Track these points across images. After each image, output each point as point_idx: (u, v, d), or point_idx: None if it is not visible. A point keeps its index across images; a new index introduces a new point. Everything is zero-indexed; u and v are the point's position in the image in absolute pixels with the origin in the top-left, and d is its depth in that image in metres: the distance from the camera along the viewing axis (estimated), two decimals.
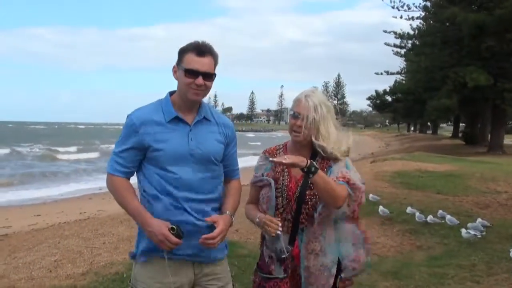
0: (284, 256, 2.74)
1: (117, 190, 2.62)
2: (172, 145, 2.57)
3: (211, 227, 2.57)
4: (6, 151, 40.95)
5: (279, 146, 3.00)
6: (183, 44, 2.58)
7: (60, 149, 45.71)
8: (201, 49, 2.56)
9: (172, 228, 2.48)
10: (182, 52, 2.59)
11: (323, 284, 2.75)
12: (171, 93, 2.70)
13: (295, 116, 2.75)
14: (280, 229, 2.67)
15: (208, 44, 2.60)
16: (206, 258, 2.68)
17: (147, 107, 2.68)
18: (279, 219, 2.70)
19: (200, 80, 2.54)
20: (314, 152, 2.82)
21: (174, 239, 2.47)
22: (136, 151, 2.60)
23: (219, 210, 2.72)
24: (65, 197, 17.04)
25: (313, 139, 2.75)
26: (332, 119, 2.79)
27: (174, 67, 2.64)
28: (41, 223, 10.95)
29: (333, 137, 2.76)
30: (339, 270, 2.80)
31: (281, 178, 2.81)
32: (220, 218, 2.61)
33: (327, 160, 2.80)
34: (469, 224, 7.57)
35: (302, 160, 2.56)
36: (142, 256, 2.66)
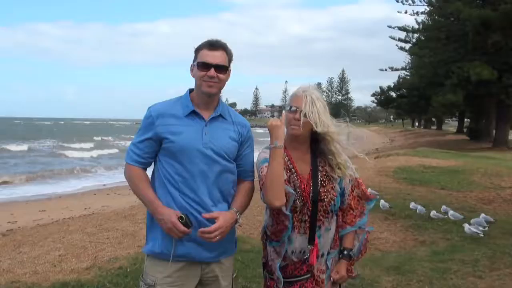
0: (306, 257, 2.76)
1: (132, 179, 2.72)
2: (185, 138, 2.63)
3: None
4: (24, 147, 41.57)
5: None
6: (188, 39, 2.69)
7: (75, 145, 46.10)
8: (213, 44, 2.67)
9: (181, 217, 2.55)
10: (197, 49, 2.70)
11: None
12: (191, 90, 2.78)
13: (292, 110, 2.76)
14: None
15: (221, 40, 2.71)
16: (210, 257, 2.72)
17: (167, 101, 2.79)
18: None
19: (212, 72, 2.62)
20: (313, 151, 2.84)
21: (182, 227, 2.53)
22: (152, 142, 2.68)
23: (228, 208, 2.73)
24: (71, 193, 17.09)
25: (314, 127, 2.73)
26: (328, 115, 2.80)
27: (191, 65, 2.73)
28: (46, 218, 11.02)
29: (332, 127, 2.78)
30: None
31: (291, 179, 2.77)
32: (220, 214, 2.63)
33: (327, 161, 2.83)
34: (472, 220, 7.57)
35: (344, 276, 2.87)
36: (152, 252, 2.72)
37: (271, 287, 2.83)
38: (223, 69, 2.66)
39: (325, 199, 2.76)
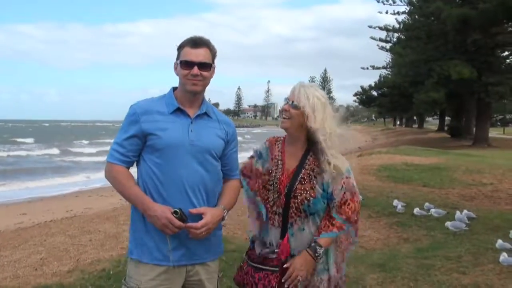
0: (276, 250, 2.73)
1: (116, 178, 2.63)
2: (172, 134, 2.59)
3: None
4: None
5: (278, 137, 2.96)
6: (171, 40, 2.65)
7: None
8: (196, 42, 2.63)
9: (175, 212, 2.49)
10: (180, 47, 2.67)
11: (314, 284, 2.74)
12: (174, 89, 2.75)
13: (286, 101, 2.78)
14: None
15: (204, 37, 2.67)
16: (197, 258, 2.68)
17: (150, 99, 2.75)
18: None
19: (195, 70, 2.59)
20: (308, 147, 2.80)
21: (177, 222, 2.48)
22: (137, 139, 2.61)
23: (214, 206, 2.70)
24: (53, 195, 16.88)
25: (307, 122, 2.71)
26: (328, 114, 2.75)
27: (175, 63, 2.69)
28: (27, 221, 10.86)
29: (326, 129, 2.72)
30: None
31: (274, 170, 2.80)
32: (207, 210, 2.60)
33: (318, 159, 2.75)
34: (456, 216, 7.62)
35: (310, 265, 2.67)
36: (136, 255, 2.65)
37: (243, 267, 2.85)
38: (207, 66, 2.63)
39: (299, 196, 2.70)
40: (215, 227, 2.64)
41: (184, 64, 2.61)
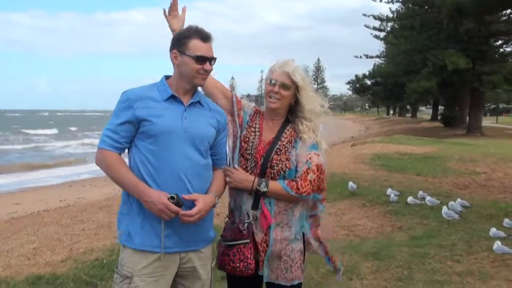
0: (247, 221, 2.76)
1: (109, 164, 2.57)
2: (166, 121, 2.56)
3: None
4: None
5: (260, 111, 3.01)
6: (164, 29, 2.65)
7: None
8: (206, 35, 2.61)
9: (172, 197, 2.47)
10: (185, 37, 2.62)
11: (287, 259, 2.80)
12: (167, 77, 2.72)
13: (273, 83, 2.81)
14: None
15: (205, 29, 2.65)
16: (190, 245, 2.66)
17: (142, 86, 2.71)
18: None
19: (208, 65, 2.60)
20: (286, 120, 2.89)
21: (174, 207, 2.46)
22: (130, 125, 2.57)
23: (205, 193, 2.68)
24: (46, 185, 16.82)
25: (300, 98, 2.81)
26: (309, 87, 2.86)
27: (173, 52, 2.64)
28: (21, 211, 10.80)
29: (310, 104, 2.83)
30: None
31: (251, 139, 2.86)
32: (200, 196, 2.58)
33: (297, 132, 2.84)
34: (449, 204, 7.64)
35: (248, 184, 2.73)
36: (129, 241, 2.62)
37: (219, 251, 2.86)
38: (214, 61, 2.65)
39: (275, 167, 2.76)
40: (207, 214, 2.63)
41: (199, 59, 2.58)
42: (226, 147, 2.90)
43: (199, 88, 2.78)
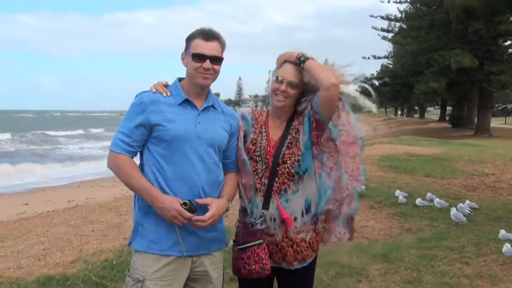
0: (258, 221, 2.75)
1: (122, 167, 2.57)
2: (180, 126, 2.57)
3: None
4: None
5: (263, 111, 3.01)
6: (171, 29, 2.63)
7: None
8: (208, 34, 2.61)
9: (185, 203, 2.48)
10: (189, 38, 2.64)
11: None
12: (180, 79, 2.72)
13: (279, 80, 2.79)
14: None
15: (214, 30, 2.65)
16: (203, 249, 2.68)
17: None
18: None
19: (207, 63, 2.57)
20: (291, 117, 2.87)
21: (187, 214, 2.47)
22: (143, 129, 2.57)
23: (218, 197, 2.69)
24: (54, 185, 16.88)
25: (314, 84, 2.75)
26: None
27: (182, 54, 2.67)
28: (30, 211, 10.87)
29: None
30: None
31: (259, 140, 2.83)
32: (214, 201, 2.59)
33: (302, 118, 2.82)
34: (458, 205, 7.62)
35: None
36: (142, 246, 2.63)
37: (233, 255, 2.85)
38: (218, 60, 2.62)
39: (288, 161, 2.75)
40: (220, 218, 2.65)
41: (196, 57, 2.58)
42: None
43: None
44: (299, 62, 2.72)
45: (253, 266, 2.71)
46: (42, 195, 14.26)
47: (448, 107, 58.85)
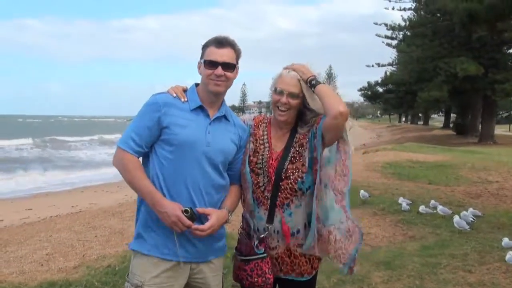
0: (262, 235, 2.72)
1: (127, 166, 2.56)
2: (189, 132, 2.56)
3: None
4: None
5: (263, 118, 2.95)
6: (177, 35, 2.63)
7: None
8: (220, 41, 2.61)
9: (186, 211, 2.47)
10: (204, 46, 2.64)
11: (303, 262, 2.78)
12: (197, 85, 2.72)
13: (280, 92, 2.72)
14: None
15: (229, 37, 2.65)
16: (202, 257, 2.68)
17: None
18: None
19: (219, 70, 2.57)
20: (294, 128, 2.80)
21: (187, 221, 2.46)
22: (153, 129, 2.56)
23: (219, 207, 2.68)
24: (58, 190, 16.91)
25: (307, 103, 2.73)
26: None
27: (198, 62, 2.66)
28: (33, 216, 10.89)
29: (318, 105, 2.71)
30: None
31: (260, 152, 2.78)
32: (214, 211, 2.59)
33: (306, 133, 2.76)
34: (462, 213, 7.60)
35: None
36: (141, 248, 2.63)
37: (235, 264, 2.86)
38: (231, 67, 2.61)
39: (291, 176, 2.69)
40: (219, 229, 2.64)
41: (208, 64, 2.58)
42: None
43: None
44: (310, 86, 2.67)
45: (256, 279, 2.70)
46: (45, 200, 14.29)
47: (452, 114, 58.83)
